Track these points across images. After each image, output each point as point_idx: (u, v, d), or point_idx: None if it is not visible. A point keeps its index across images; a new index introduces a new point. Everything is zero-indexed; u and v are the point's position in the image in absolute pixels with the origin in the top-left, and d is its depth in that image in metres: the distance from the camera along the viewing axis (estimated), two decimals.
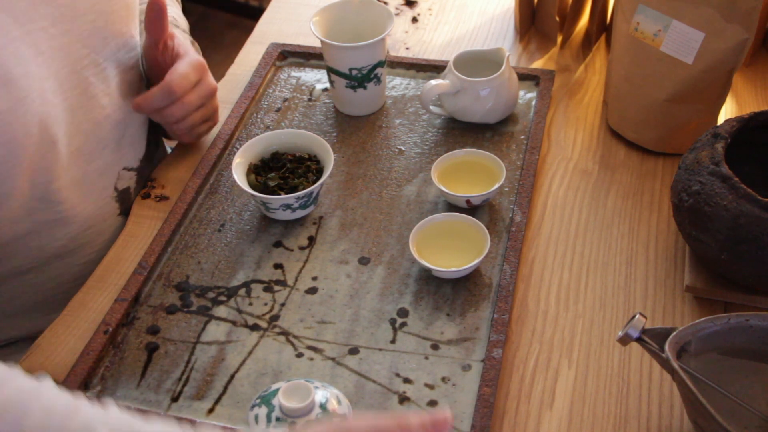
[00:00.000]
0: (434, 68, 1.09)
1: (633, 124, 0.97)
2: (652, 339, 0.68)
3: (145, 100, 0.90)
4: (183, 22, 1.04)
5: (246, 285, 0.86)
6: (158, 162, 1.02)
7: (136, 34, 0.93)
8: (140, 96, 0.90)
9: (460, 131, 1.01)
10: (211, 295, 0.85)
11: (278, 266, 0.87)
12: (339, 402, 0.72)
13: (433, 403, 0.75)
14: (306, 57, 1.13)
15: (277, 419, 0.70)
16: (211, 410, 0.75)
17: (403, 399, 0.75)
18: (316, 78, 1.10)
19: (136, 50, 0.93)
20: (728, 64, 0.89)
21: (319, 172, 0.92)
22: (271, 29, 1.21)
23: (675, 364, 0.65)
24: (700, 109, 0.94)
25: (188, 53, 0.93)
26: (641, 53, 0.93)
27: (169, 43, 0.93)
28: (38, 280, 0.89)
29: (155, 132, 1.00)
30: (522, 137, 0.99)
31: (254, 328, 0.82)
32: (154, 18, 0.88)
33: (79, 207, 0.88)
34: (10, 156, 0.77)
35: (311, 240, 0.90)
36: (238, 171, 0.91)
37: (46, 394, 0.59)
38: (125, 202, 0.95)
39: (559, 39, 1.15)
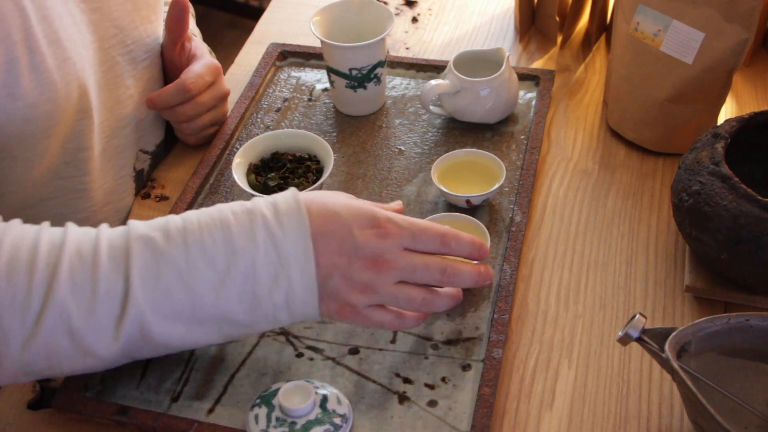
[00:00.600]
0: (434, 68, 1.09)
1: (633, 123, 0.98)
2: (652, 339, 0.68)
3: (160, 96, 0.92)
4: (198, 34, 1.06)
5: None
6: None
7: (161, 25, 0.95)
8: (155, 92, 0.93)
9: (460, 131, 1.01)
10: None
11: None
12: (339, 402, 0.72)
13: (433, 403, 0.75)
14: (306, 57, 1.13)
15: (277, 419, 0.70)
16: (211, 410, 0.75)
17: (403, 399, 0.75)
18: (316, 78, 1.10)
19: (161, 41, 0.96)
20: (728, 64, 0.89)
21: (319, 172, 0.92)
22: (271, 29, 1.21)
23: (675, 364, 0.65)
24: (700, 109, 0.94)
25: (204, 55, 0.96)
26: (641, 53, 0.93)
27: (186, 45, 0.95)
28: None
29: None
30: (522, 137, 0.99)
31: None
32: (176, 16, 0.91)
33: (101, 180, 0.89)
34: (53, 114, 0.78)
35: None
36: (238, 171, 0.91)
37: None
38: (140, 184, 0.97)
39: (559, 39, 1.15)
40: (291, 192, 0.66)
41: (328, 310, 0.67)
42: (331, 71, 1.02)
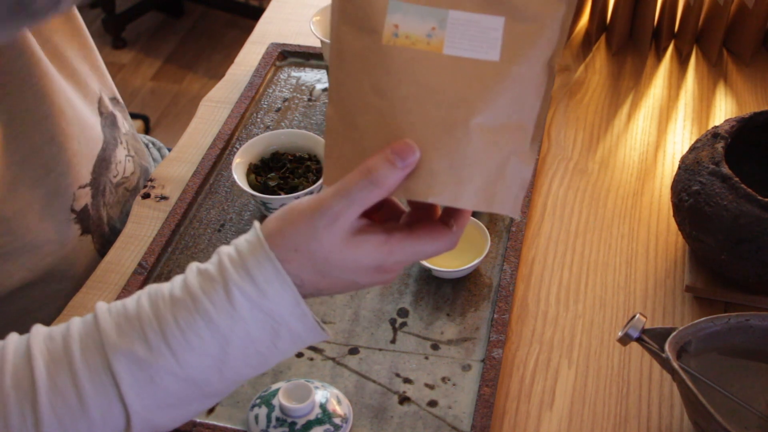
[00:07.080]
0: None
1: (428, 174, 0.57)
2: (652, 339, 0.68)
3: None
4: None
5: None
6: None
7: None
8: None
9: None
10: None
11: None
12: (339, 402, 0.73)
13: (433, 403, 0.75)
14: (306, 57, 1.13)
15: (277, 419, 0.70)
16: (211, 410, 0.75)
17: (403, 399, 0.75)
18: (316, 78, 1.10)
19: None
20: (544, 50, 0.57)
21: (319, 172, 0.92)
22: (271, 29, 1.21)
23: (675, 364, 0.65)
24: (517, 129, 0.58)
25: None
26: (417, 67, 0.58)
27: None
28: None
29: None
30: None
31: None
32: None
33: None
34: None
35: None
36: (238, 171, 0.91)
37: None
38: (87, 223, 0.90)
39: None
40: (261, 251, 0.59)
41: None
42: None
